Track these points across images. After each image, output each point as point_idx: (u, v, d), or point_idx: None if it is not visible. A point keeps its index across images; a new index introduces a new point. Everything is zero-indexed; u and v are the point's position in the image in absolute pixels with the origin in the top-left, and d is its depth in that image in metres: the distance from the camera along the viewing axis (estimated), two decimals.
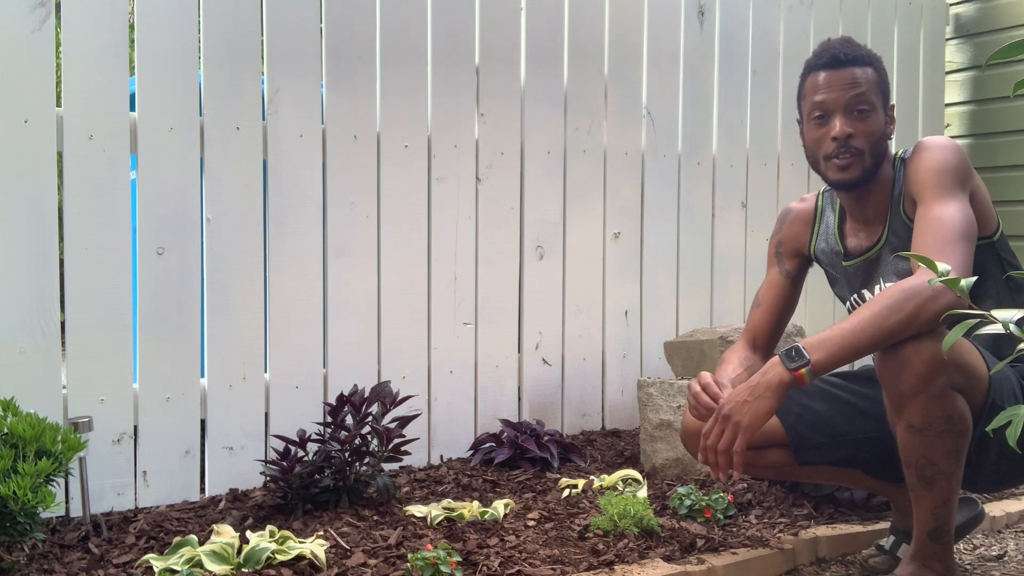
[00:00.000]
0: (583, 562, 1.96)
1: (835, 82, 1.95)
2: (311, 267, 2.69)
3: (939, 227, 1.81)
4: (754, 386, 1.76)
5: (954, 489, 1.76)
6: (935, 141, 1.94)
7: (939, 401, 1.69)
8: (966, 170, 1.91)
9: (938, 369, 1.68)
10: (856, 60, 1.96)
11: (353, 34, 2.75)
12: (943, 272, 1.30)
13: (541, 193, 3.12)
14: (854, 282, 2.09)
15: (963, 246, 1.78)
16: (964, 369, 1.72)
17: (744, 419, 1.75)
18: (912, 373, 1.68)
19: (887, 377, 1.73)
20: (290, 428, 2.59)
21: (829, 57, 1.97)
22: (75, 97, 2.34)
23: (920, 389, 1.69)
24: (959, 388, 1.72)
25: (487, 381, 3.02)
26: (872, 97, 1.95)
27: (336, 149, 2.73)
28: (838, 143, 1.94)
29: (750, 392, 1.76)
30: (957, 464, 1.74)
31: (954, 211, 1.83)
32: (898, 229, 1.98)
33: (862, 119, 1.94)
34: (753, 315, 2.22)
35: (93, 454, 2.33)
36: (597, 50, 3.22)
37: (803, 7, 3.73)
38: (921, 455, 1.73)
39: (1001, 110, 4.09)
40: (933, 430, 1.71)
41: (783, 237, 2.22)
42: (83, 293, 2.35)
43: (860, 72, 1.95)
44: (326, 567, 1.89)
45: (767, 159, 3.65)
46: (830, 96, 1.95)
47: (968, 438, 1.74)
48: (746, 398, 1.76)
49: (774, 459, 2.02)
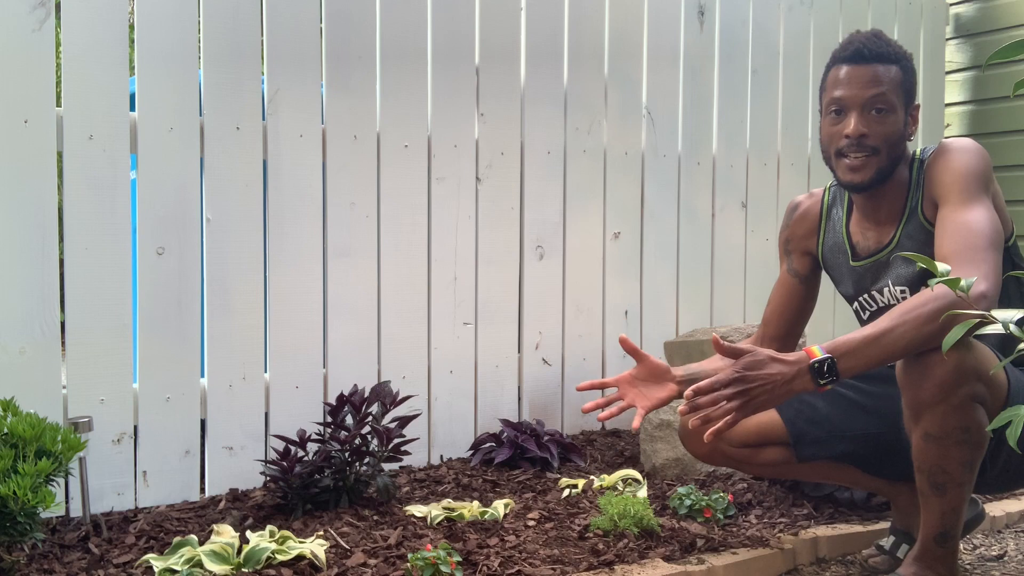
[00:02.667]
0: (583, 562, 1.96)
1: (855, 78, 1.90)
2: (311, 267, 2.69)
3: (967, 233, 1.76)
4: (779, 382, 1.65)
5: (965, 497, 1.75)
6: (960, 143, 1.90)
7: (959, 412, 1.67)
8: (990, 174, 1.87)
9: (961, 380, 1.65)
10: (881, 57, 1.91)
11: (353, 34, 2.75)
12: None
13: (541, 193, 3.12)
14: (863, 282, 2.05)
15: (992, 254, 1.74)
16: (986, 379, 1.69)
17: (757, 400, 1.66)
18: (934, 382, 1.66)
19: (908, 384, 1.70)
20: (290, 428, 2.59)
21: (853, 51, 1.92)
22: (75, 97, 2.34)
23: (941, 399, 1.67)
24: (980, 399, 1.69)
25: (487, 381, 3.02)
26: (892, 97, 1.90)
27: (336, 149, 2.73)
28: (850, 141, 1.90)
29: (773, 384, 1.65)
30: (970, 474, 1.73)
31: (981, 216, 1.78)
32: (913, 232, 1.95)
33: (879, 119, 1.90)
34: (764, 313, 2.22)
35: (93, 454, 2.34)
36: (597, 50, 3.22)
37: (803, 7, 3.73)
38: (935, 463, 1.72)
39: (1001, 110, 4.09)
40: (950, 440, 1.69)
41: (790, 234, 2.20)
42: (83, 293, 2.35)
43: (883, 70, 1.90)
44: (326, 567, 1.89)
45: (767, 159, 3.65)
46: (848, 92, 1.91)
47: (983, 450, 1.72)
48: (770, 384, 1.65)
49: (772, 457, 2.02)
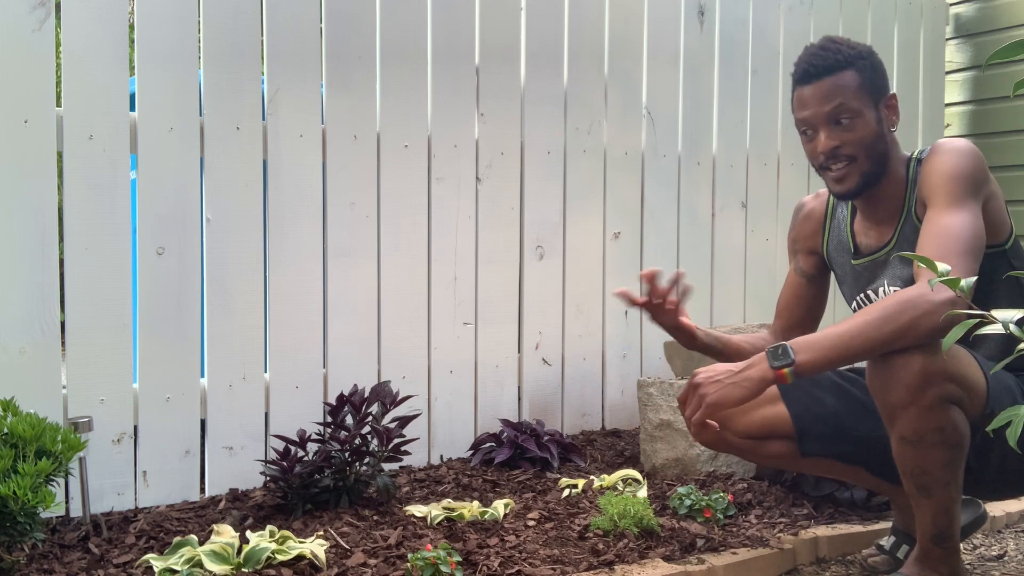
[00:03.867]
0: (583, 562, 1.96)
1: (811, 97, 1.91)
2: (311, 267, 2.69)
3: (944, 238, 1.75)
4: (736, 372, 1.73)
5: (953, 497, 1.74)
6: (952, 144, 1.89)
7: (930, 413, 1.66)
8: (981, 176, 1.85)
9: (928, 381, 1.65)
10: (830, 68, 1.90)
11: (353, 34, 2.75)
12: (943, 272, 1.27)
13: (541, 193, 3.12)
14: (861, 281, 2.06)
15: (966, 260, 1.73)
16: (959, 380, 1.68)
17: (711, 397, 1.72)
18: (901, 385, 1.66)
19: (877, 388, 1.71)
20: (290, 428, 2.59)
21: (802, 72, 1.93)
22: (75, 97, 2.34)
23: (910, 401, 1.66)
24: (954, 400, 1.68)
25: (487, 381, 3.02)
26: (853, 103, 1.89)
27: (336, 149, 2.73)
28: (826, 155, 1.92)
29: (729, 376, 1.73)
30: (953, 474, 1.72)
31: (961, 221, 1.77)
32: (909, 233, 1.95)
33: (847, 127, 1.90)
34: (776, 311, 2.24)
35: (93, 454, 2.34)
36: (597, 50, 3.22)
37: (803, 7, 3.73)
38: (915, 465, 1.71)
39: (1001, 110, 4.09)
40: (925, 442, 1.68)
41: (797, 235, 2.21)
42: (83, 293, 2.35)
43: (835, 81, 1.89)
44: (326, 567, 1.89)
45: (767, 159, 3.65)
46: (809, 112, 1.92)
47: (964, 449, 1.71)
48: (722, 378, 1.73)
49: (776, 450, 2.00)
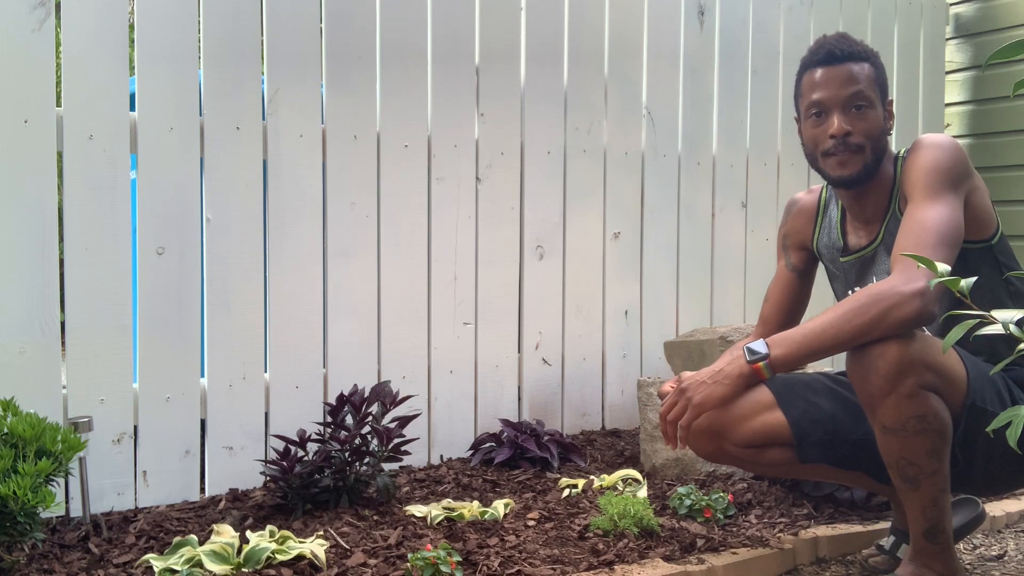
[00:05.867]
0: (583, 562, 1.96)
1: (832, 79, 1.93)
2: (311, 267, 2.69)
3: (920, 231, 1.78)
4: (716, 372, 1.86)
5: (940, 487, 1.75)
6: (932, 139, 1.91)
7: (910, 401, 1.68)
8: (962, 170, 1.86)
9: (905, 370, 1.67)
10: (853, 56, 1.94)
11: (353, 34, 2.75)
12: (942, 272, 1.28)
13: (541, 193, 3.12)
14: (849, 279, 2.08)
15: (940, 251, 1.75)
16: (936, 369, 1.70)
17: (696, 398, 1.84)
18: (878, 375, 1.68)
19: (856, 379, 1.73)
20: (290, 428, 2.59)
21: (825, 53, 1.95)
22: (75, 97, 2.34)
23: (888, 390, 1.68)
24: (932, 387, 1.70)
25: (487, 381, 3.02)
26: (870, 93, 1.94)
27: (336, 149, 2.73)
28: (836, 140, 1.92)
29: (711, 376, 1.85)
30: (938, 462, 1.72)
31: (938, 214, 1.79)
32: (894, 229, 1.96)
33: (860, 116, 1.93)
34: (763, 309, 2.24)
35: (93, 454, 2.34)
36: (597, 50, 3.22)
37: (803, 7, 3.73)
38: (899, 455, 1.73)
39: (1001, 110, 4.09)
40: (907, 431, 1.70)
41: (788, 229, 2.22)
42: (83, 293, 2.35)
43: (857, 68, 1.94)
44: (326, 567, 1.89)
45: (767, 159, 3.65)
46: (827, 93, 1.94)
47: (946, 437, 1.72)
48: (706, 380, 1.85)
49: (775, 457, 2.01)
